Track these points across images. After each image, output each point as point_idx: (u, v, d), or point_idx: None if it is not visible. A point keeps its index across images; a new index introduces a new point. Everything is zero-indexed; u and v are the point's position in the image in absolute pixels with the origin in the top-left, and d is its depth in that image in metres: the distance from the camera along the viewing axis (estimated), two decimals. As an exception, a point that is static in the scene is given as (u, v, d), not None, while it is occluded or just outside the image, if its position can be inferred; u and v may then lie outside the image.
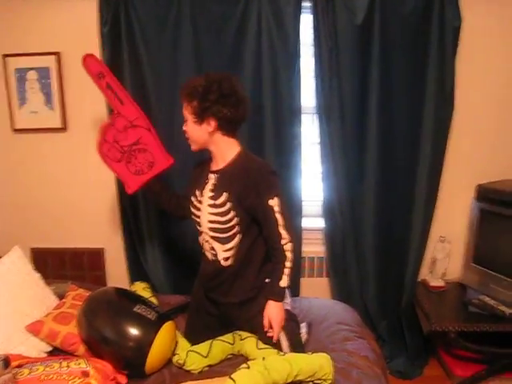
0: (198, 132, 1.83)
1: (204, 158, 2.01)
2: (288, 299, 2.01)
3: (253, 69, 2.52)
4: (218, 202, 1.82)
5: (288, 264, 1.82)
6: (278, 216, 1.78)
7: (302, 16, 2.49)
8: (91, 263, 2.92)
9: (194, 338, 1.99)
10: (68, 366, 1.68)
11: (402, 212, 2.69)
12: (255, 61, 2.51)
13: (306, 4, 2.48)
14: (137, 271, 2.82)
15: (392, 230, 2.72)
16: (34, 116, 2.75)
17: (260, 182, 1.78)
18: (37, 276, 2.26)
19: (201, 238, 1.96)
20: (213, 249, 1.89)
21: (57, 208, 2.91)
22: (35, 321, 1.99)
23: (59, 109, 2.72)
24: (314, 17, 2.46)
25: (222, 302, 1.97)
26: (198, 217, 1.92)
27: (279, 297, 1.85)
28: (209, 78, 1.79)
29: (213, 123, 1.79)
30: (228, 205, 1.81)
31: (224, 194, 1.81)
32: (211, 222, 1.85)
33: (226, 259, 1.87)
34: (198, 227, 1.94)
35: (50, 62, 2.64)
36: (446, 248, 2.73)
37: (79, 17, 2.63)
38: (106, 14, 2.49)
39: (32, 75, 2.69)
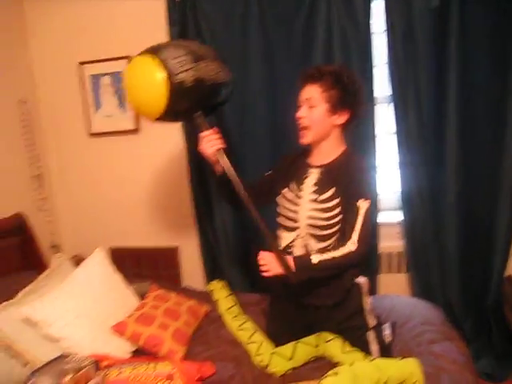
0: (325, 122, 1.73)
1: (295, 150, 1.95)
2: (370, 299, 1.93)
3: (324, 59, 2.43)
4: (323, 197, 1.75)
5: (335, 254, 1.66)
6: (360, 219, 1.68)
7: (373, 2, 2.37)
8: (166, 262, 2.96)
9: (278, 340, 1.94)
10: (155, 369, 1.70)
11: (486, 201, 2.52)
12: (326, 51, 2.43)
13: (378, -13, 2.36)
14: (212, 269, 2.84)
15: (476, 221, 2.55)
16: (109, 120, 2.83)
17: (361, 180, 1.73)
18: (119, 277, 2.32)
19: (291, 235, 1.84)
20: (307, 246, 1.80)
21: (132, 208, 2.98)
22: (119, 322, 2.04)
23: (132, 111, 2.77)
24: (386, 1, 2.33)
25: (313, 305, 1.88)
26: (295, 212, 1.82)
27: (298, 263, 1.68)
28: (343, 67, 1.76)
29: (346, 116, 1.74)
30: (335, 201, 1.74)
31: (331, 189, 1.74)
32: (311, 218, 1.77)
33: None
34: (291, 223, 1.83)
35: (121, 66, 2.68)
36: (537, 240, 2.53)
37: (147, 19, 2.66)
38: (174, 14, 2.50)
39: (106, 80, 2.77)
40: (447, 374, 1.72)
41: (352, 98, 1.72)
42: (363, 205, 1.69)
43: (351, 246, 1.67)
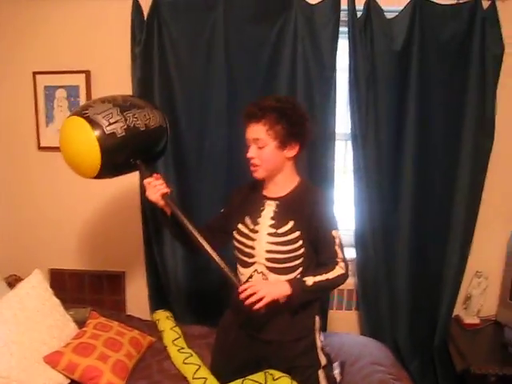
0: (277, 158, 1.69)
1: (244, 182, 1.90)
2: (321, 336, 1.88)
3: (287, 93, 2.42)
4: (282, 230, 1.70)
5: (329, 276, 1.61)
6: (338, 249, 1.67)
7: (339, 41, 2.41)
8: (111, 287, 2.83)
9: (223, 375, 1.86)
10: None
11: (437, 244, 2.58)
12: (290, 85, 2.44)
13: (344, 29, 2.40)
14: (158, 298, 2.72)
15: (426, 263, 2.60)
16: (61, 134, 2.70)
17: (325, 212, 1.71)
18: (57, 302, 2.17)
19: (248, 271, 1.77)
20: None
21: (79, 228, 2.84)
22: (54, 351, 1.90)
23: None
24: (350, 42, 2.38)
25: (265, 339, 1.79)
26: (251, 247, 1.76)
27: (294, 286, 1.60)
28: (283, 99, 1.71)
29: (296, 148, 1.69)
30: (296, 234, 1.69)
31: (290, 222, 1.70)
32: (270, 251, 1.71)
33: None
34: (248, 258, 1.76)
35: (79, 80, 2.60)
36: (483, 284, 2.59)
37: (111, 36, 2.59)
38: (139, 35, 2.44)
39: (61, 93, 2.65)
40: (396, 415, 1.70)
41: (299, 129, 1.68)
42: (336, 234, 1.69)
43: (340, 269, 1.65)
